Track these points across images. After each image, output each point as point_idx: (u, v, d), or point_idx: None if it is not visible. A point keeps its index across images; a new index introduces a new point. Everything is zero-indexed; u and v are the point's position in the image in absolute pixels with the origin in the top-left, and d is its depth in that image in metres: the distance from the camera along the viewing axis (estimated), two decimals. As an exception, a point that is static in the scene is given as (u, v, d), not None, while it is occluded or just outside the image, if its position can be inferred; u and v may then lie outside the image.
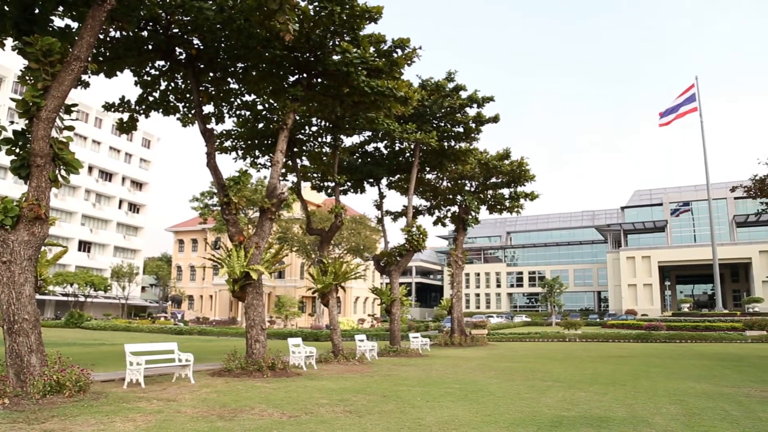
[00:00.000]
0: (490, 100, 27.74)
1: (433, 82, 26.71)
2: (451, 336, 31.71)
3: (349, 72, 16.41)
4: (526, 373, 16.48)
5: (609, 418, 9.17)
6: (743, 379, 15.01)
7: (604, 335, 38.04)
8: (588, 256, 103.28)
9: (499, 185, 33.10)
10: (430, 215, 34.72)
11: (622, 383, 14.06)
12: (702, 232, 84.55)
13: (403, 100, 18.23)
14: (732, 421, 9.06)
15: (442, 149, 27.51)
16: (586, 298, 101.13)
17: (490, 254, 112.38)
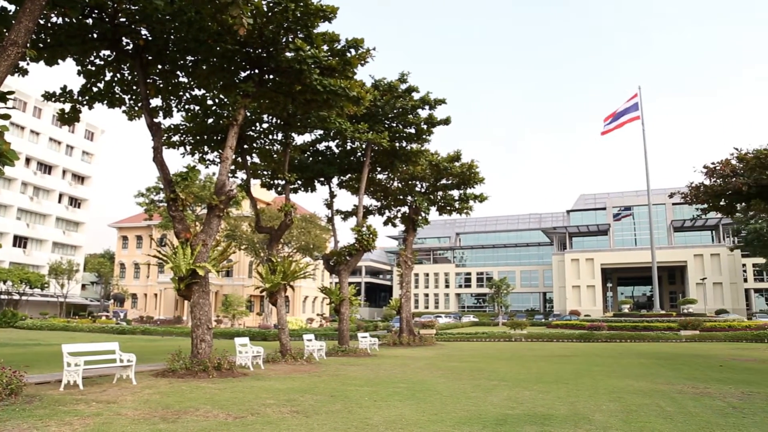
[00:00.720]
0: (442, 103, 28.04)
1: (386, 82, 26.81)
2: (400, 336, 31.89)
3: (302, 70, 16.27)
4: (472, 373, 16.72)
5: (552, 416, 9.39)
6: (677, 377, 15.66)
7: (549, 335, 38.99)
8: (534, 258, 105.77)
9: (449, 187, 33.49)
10: (381, 215, 34.85)
11: (565, 382, 14.44)
12: (642, 236, 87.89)
13: (356, 99, 18.20)
14: (666, 416, 9.43)
15: (394, 150, 27.63)
16: (532, 299, 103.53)
17: (439, 255, 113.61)
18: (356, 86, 17.98)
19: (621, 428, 8.42)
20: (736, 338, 35.41)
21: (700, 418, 9.26)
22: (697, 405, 10.67)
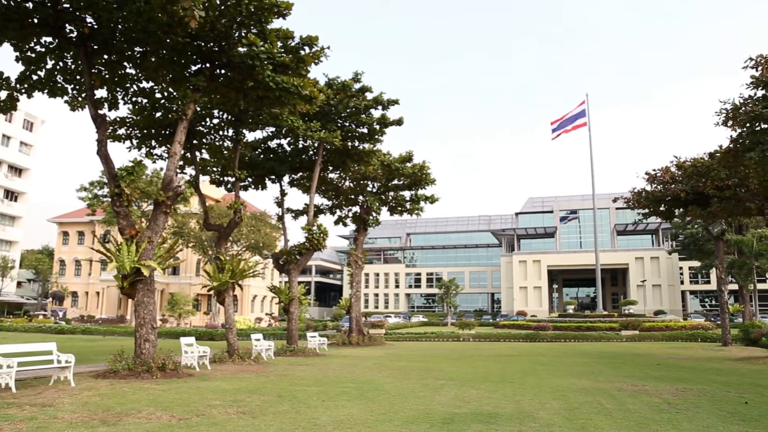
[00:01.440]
0: (395, 103, 28.15)
1: (340, 81, 26.72)
2: (349, 335, 31.84)
3: (255, 66, 16.03)
4: (421, 372, 16.84)
5: (498, 414, 9.55)
6: (617, 375, 16.20)
7: (496, 335, 39.67)
8: (483, 259, 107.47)
9: (400, 187, 33.64)
10: (332, 214, 34.71)
11: (511, 381, 14.72)
12: (587, 238, 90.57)
13: (309, 97, 18.07)
14: (606, 413, 9.74)
15: (346, 149, 27.57)
16: (481, 300, 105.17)
17: (389, 255, 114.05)
18: (309, 84, 17.85)
19: (564, 425, 8.64)
20: (672, 338, 36.91)
21: (637, 415, 9.59)
22: (635, 402, 11.06)
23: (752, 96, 20.90)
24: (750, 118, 20.12)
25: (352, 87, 26.72)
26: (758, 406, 10.73)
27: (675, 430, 8.37)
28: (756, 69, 20.83)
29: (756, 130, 20.08)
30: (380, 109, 27.97)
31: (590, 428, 8.44)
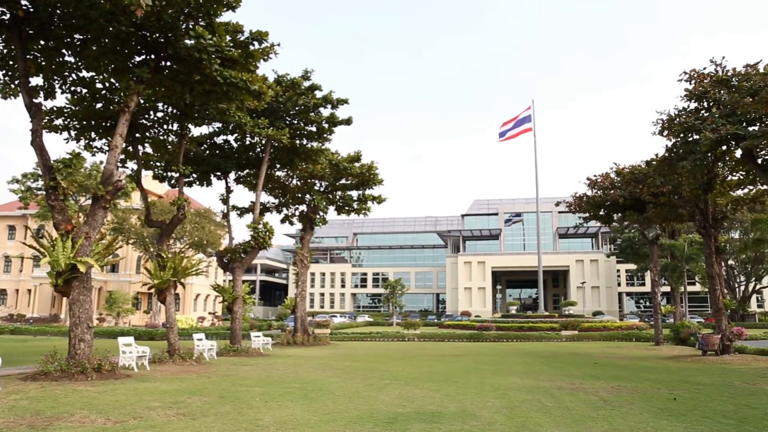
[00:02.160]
0: (344, 103, 28.06)
1: (289, 78, 26.44)
2: (294, 335, 31.57)
3: (202, 59, 15.66)
4: (365, 372, 16.85)
5: (441, 413, 9.66)
6: (557, 374, 16.66)
7: (441, 335, 40.12)
8: (429, 260, 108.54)
9: (348, 187, 33.59)
10: (278, 213, 34.32)
11: (455, 380, 14.91)
12: (530, 241, 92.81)
13: (257, 94, 17.81)
14: (546, 411, 10.00)
15: (294, 147, 27.31)
16: (426, 300, 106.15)
17: (336, 254, 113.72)
18: (258, 80, 17.59)
19: (505, 423, 8.82)
20: (609, 337, 38.27)
21: (575, 412, 9.89)
22: (573, 399, 11.40)
23: (686, 108, 21.94)
24: (683, 129, 21.09)
25: (302, 85, 26.49)
26: (686, 401, 11.25)
27: (609, 426, 8.66)
28: (689, 83, 21.87)
29: (689, 140, 21.06)
30: (329, 107, 27.84)
31: (530, 426, 8.64)
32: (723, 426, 8.77)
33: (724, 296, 27.10)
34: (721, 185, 25.34)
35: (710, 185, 24.38)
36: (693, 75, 21.78)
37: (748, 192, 26.87)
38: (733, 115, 19.26)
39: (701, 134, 19.54)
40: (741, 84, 19.54)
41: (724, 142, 19.34)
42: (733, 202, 27.14)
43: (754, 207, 35.51)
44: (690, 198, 25.62)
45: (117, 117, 16.70)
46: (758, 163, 20.48)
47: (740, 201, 27.27)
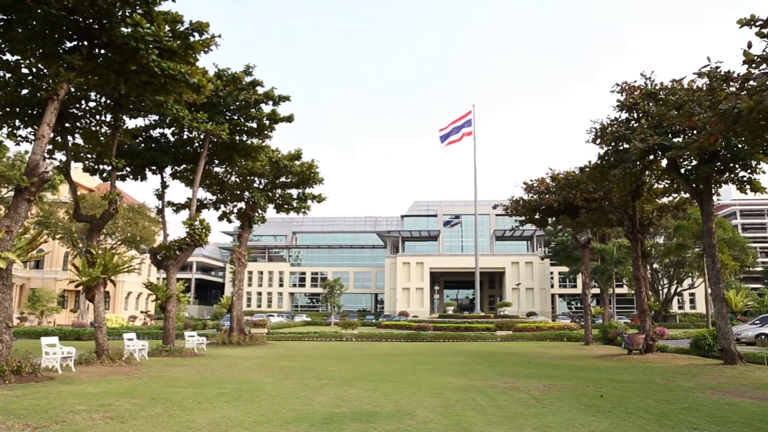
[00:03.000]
0: (286, 100, 27.71)
1: (230, 73, 25.91)
2: (230, 335, 30.96)
3: (139, 48, 15.10)
4: (302, 372, 16.71)
5: (377, 413, 9.68)
6: (491, 373, 17.02)
7: (379, 335, 40.26)
8: (368, 260, 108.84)
9: (288, 185, 33.22)
10: (216, 210, 33.56)
11: (391, 380, 14.99)
12: (468, 242, 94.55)
13: (196, 87, 17.34)
14: (479, 409, 10.19)
15: (234, 143, 26.76)
16: (365, 300, 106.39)
17: (274, 253, 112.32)
18: (198, 73, 17.13)
19: (439, 422, 8.93)
20: (542, 337, 39.41)
21: (508, 410, 10.13)
22: (507, 398, 11.67)
23: (617, 118, 22.90)
24: (615, 138, 22.00)
25: (243, 80, 25.99)
26: (611, 398, 11.72)
27: (540, 423, 8.91)
28: (621, 94, 22.84)
29: (619, 149, 21.99)
30: (271, 104, 27.41)
31: (464, 424, 8.78)
32: (645, 420, 9.19)
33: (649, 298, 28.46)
34: (648, 193, 26.58)
35: (638, 192, 25.54)
36: (624, 87, 22.75)
37: (672, 200, 28.32)
38: (660, 127, 20.23)
39: (631, 144, 20.43)
40: (668, 98, 20.56)
41: (651, 152, 20.28)
42: (659, 209, 28.55)
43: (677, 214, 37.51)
44: (619, 204, 26.75)
45: (45, 105, 15.86)
46: (681, 172, 21.60)
47: (665, 208, 28.72)
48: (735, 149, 19.57)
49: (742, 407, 10.71)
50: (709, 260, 21.54)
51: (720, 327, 20.24)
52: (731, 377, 16.08)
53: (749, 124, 14.50)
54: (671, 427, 8.71)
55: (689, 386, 14.03)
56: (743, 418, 9.48)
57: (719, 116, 14.75)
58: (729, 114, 14.27)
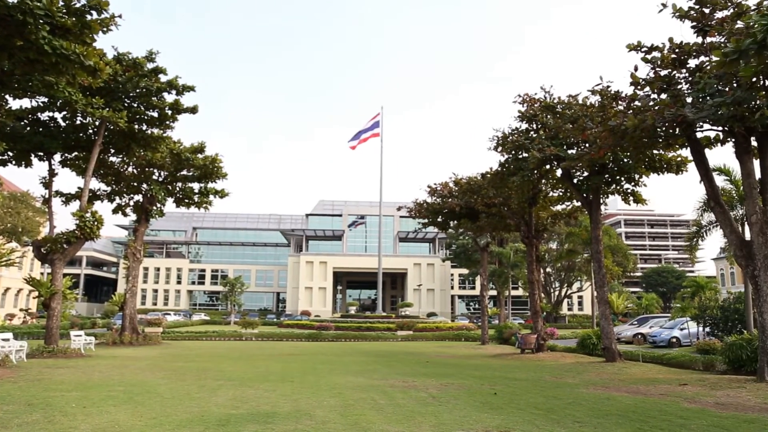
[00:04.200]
0: (191, 90, 26.63)
1: (131, 57, 24.55)
2: (122, 334, 29.36)
3: (27, 23, 13.92)
4: (198, 373, 16.15)
5: (275, 413, 9.52)
6: (391, 372, 17.25)
7: (280, 334, 39.75)
8: (271, 258, 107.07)
9: (189, 178, 31.96)
10: (110, 202, 31.66)
11: (291, 380, 14.81)
12: (372, 243, 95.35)
13: (92, 69, 16.27)
14: (378, 408, 10.29)
15: (132, 132, 25.38)
16: (266, 299, 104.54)
17: (173, 249, 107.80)
18: (94, 55, 16.08)
19: (338, 422, 8.92)
20: (441, 337, 40.50)
21: (406, 408, 10.30)
22: (405, 397, 11.87)
23: (518, 128, 24.00)
24: (515, 147, 23.06)
25: (145, 66, 24.69)
26: (504, 395, 12.23)
27: (437, 420, 9.13)
28: (522, 105, 23.96)
29: (519, 157, 23.07)
30: (174, 93, 26.24)
31: (363, 423, 8.83)
32: (534, 416, 9.67)
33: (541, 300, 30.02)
34: (543, 200, 28.05)
35: (535, 199, 26.89)
36: (526, 98, 23.89)
37: (565, 208, 30.06)
38: (556, 138, 21.42)
39: (530, 153, 21.50)
40: (564, 111, 21.83)
41: (548, 162, 21.44)
42: (553, 216, 30.23)
43: (569, 221, 39.84)
44: (517, 210, 28.02)
45: None
46: (574, 182, 22.98)
47: (558, 215, 30.45)
48: (621, 163, 21.11)
49: (620, 401, 11.53)
50: (595, 265, 23.05)
51: (603, 327, 21.72)
52: (611, 374, 17.30)
53: (634, 140, 15.71)
54: (557, 421, 9.21)
55: (575, 383, 14.93)
56: (620, 411, 10.21)
57: (608, 132, 15.87)
58: (617, 130, 15.38)
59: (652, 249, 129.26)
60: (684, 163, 20.43)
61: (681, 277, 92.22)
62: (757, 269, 14.49)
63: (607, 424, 8.95)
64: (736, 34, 11.95)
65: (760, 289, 14.34)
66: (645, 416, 9.70)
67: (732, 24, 13.88)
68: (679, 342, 27.72)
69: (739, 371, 16.30)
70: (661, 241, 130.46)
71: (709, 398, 11.86)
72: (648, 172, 21.34)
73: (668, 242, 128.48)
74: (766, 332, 14.09)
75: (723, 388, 13.27)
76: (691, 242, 27.78)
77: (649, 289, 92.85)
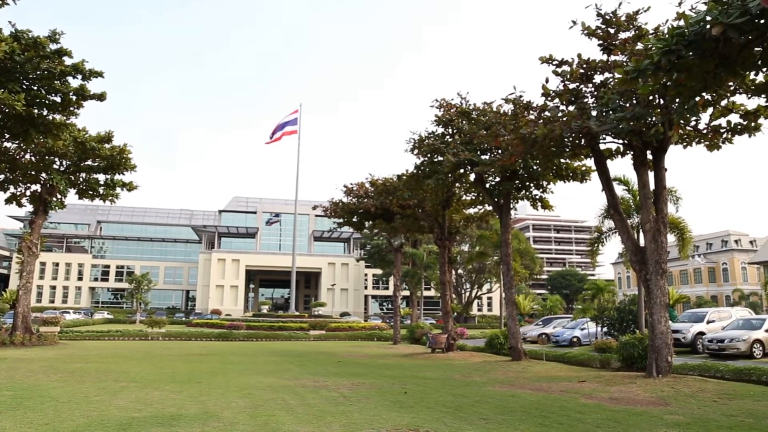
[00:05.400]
0: (99, 75, 25.17)
1: (31, 36, 22.87)
2: (12, 334, 27.33)
3: None
4: (99, 374, 15.32)
5: (181, 416, 9.20)
6: (302, 372, 17.12)
7: (189, 334, 38.49)
8: (181, 255, 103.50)
9: (94, 169, 30.19)
10: (3, 191, 29.37)
11: (198, 381, 14.37)
12: (286, 242, 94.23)
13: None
14: (289, 409, 10.18)
15: (31, 116, 23.69)
16: (175, 297, 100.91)
17: (74, 243, 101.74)
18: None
19: (247, 423, 8.74)
20: (354, 337, 40.65)
21: (316, 408, 10.25)
22: (316, 397, 11.82)
23: (434, 132, 24.52)
24: (431, 150, 23.53)
25: (47, 47, 23.07)
26: (415, 394, 12.45)
27: (347, 420, 9.16)
28: (439, 110, 24.48)
29: (434, 160, 23.56)
30: (80, 78, 24.73)
31: (272, 424, 8.71)
32: (442, 414, 9.90)
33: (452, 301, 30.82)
34: (457, 204, 28.80)
35: (448, 202, 27.54)
36: (443, 103, 24.43)
37: (477, 211, 31.00)
38: (470, 144, 22.04)
39: (445, 157, 22.01)
40: (479, 117, 22.52)
41: (462, 166, 22.03)
42: (466, 219, 31.12)
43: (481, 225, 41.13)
44: (431, 212, 28.60)
45: None
46: (486, 187, 23.75)
47: (471, 218, 31.39)
48: (531, 170, 22.03)
49: (523, 398, 12.04)
50: (504, 267, 23.92)
51: (510, 327, 22.58)
52: (517, 372, 18.03)
53: (543, 149, 16.45)
54: (464, 418, 9.49)
55: (482, 381, 15.43)
56: (523, 407, 10.66)
57: (519, 139, 16.52)
58: (527, 138, 16.04)
59: (558, 253, 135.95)
60: (588, 172, 21.56)
61: (583, 280, 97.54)
62: (649, 273, 15.56)
63: (512, 420, 9.31)
64: (636, 54, 12.79)
65: (652, 292, 15.40)
66: (546, 412, 10.18)
67: (633, 45, 14.86)
68: (579, 341, 29.28)
69: (632, 368, 17.41)
70: (565, 246, 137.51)
71: (604, 393, 12.61)
72: (555, 179, 22.38)
73: (572, 247, 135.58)
74: (655, 332, 15.14)
75: (617, 383, 14.14)
76: (593, 247, 29.40)
77: (553, 291, 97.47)
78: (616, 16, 15.60)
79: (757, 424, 8.93)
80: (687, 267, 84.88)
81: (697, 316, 26.68)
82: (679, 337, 23.68)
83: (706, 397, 11.76)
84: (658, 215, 15.84)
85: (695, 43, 9.11)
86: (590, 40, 15.96)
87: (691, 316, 27.22)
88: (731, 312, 27.45)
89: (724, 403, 11.04)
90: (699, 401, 11.35)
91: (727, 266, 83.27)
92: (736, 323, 23.65)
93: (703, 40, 8.96)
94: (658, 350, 14.98)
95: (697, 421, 9.20)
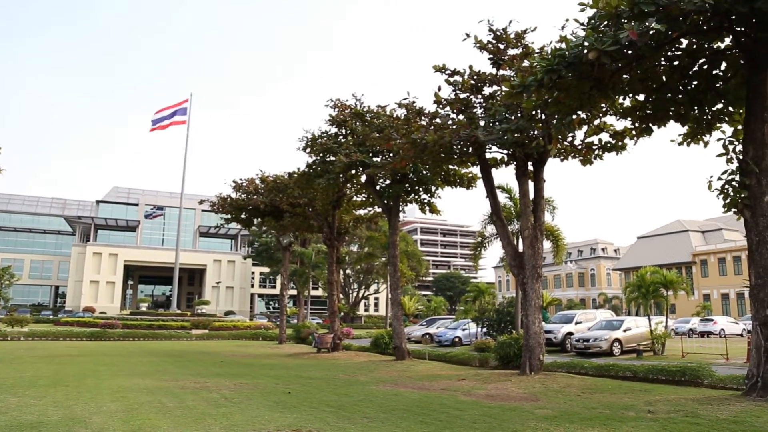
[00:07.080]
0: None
1: None
2: None
3: None
4: (-55, 378, 13.82)
5: (42, 423, 8.50)
6: (182, 373, 16.45)
7: (56, 333, 35.73)
8: (51, 247, 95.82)
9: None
10: None
11: (65, 384, 13.37)
12: (170, 236, 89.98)
13: None
14: (166, 411, 9.74)
15: None
16: (42, 293, 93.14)
17: None
18: None
19: (119, 428, 8.26)
20: (238, 336, 39.66)
21: (196, 411, 9.89)
22: (196, 398, 11.40)
23: (328, 131, 24.53)
24: (323, 149, 23.53)
25: None
26: (298, 394, 12.37)
27: (228, 422, 8.92)
28: (334, 110, 24.53)
29: (326, 160, 23.58)
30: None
31: (147, 428, 8.29)
32: (326, 413, 9.92)
33: (340, 301, 30.95)
34: (347, 204, 28.96)
35: (339, 203, 27.64)
36: (337, 104, 24.50)
37: (367, 212, 31.37)
38: (363, 145, 22.28)
39: (337, 157, 22.09)
40: (372, 120, 22.82)
41: (353, 167, 22.23)
42: (355, 219, 31.38)
43: (370, 226, 41.65)
44: (321, 212, 28.56)
45: None
46: (376, 189, 24.10)
47: (360, 219, 31.71)
48: (420, 175, 22.63)
49: (406, 396, 12.35)
50: (391, 269, 24.40)
51: (395, 328, 23.06)
52: (400, 371, 18.45)
53: (433, 154, 16.99)
54: (348, 417, 9.56)
55: (366, 380, 15.63)
56: (405, 406, 10.94)
57: (411, 144, 16.94)
58: (418, 143, 16.49)
59: (443, 256, 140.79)
60: (474, 179, 22.50)
61: (466, 282, 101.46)
62: (526, 277, 16.54)
63: (393, 419, 9.51)
64: (522, 71, 13.58)
65: (528, 295, 16.39)
66: (427, 409, 10.51)
67: (520, 62, 15.77)
68: (461, 341, 30.44)
69: (508, 366, 18.40)
70: (451, 249, 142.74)
71: (482, 391, 13.23)
72: (443, 184, 23.15)
73: (457, 250, 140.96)
74: (530, 332, 16.11)
75: (494, 381, 14.88)
76: (476, 251, 30.70)
77: (438, 292, 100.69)
78: (506, 33, 16.44)
79: (613, 415, 9.77)
80: (560, 272, 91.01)
81: (567, 317, 28.76)
82: (550, 337, 25.38)
83: (571, 392, 12.69)
84: (536, 223, 16.88)
85: (574, 65, 9.87)
86: (482, 53, 16.70)
87: (562, 317, 29.30)
88: (596, 314, 29.82)
89: (586, 397, 11.98)
90: (565, 396, 12.22)
91: (594, 272, 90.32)
92: (600, 324, 25.74)
93: (580, 63, 9.73)
94: (532, 349, 15.96)
95: (563, 414, 9.90)
